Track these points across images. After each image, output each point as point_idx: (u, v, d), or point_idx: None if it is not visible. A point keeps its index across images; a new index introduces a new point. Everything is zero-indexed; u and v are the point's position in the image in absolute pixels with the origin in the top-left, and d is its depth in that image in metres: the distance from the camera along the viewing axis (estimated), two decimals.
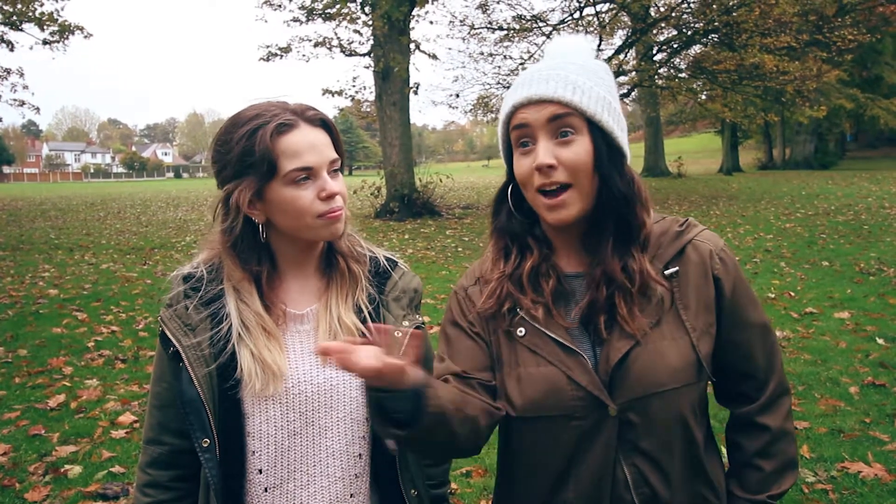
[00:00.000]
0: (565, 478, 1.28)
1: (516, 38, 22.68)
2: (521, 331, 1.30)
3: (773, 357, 1.36)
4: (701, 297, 1.28)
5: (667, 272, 1.29)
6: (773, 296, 7.63)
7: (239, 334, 1.36)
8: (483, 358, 1.34)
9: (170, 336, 1.37)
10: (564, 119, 1.22)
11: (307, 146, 1.34)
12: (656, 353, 1.23)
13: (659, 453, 1.25)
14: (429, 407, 1.10)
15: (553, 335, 1.27)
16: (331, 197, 1.35)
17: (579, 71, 1.26)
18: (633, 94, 24.71)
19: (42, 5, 18.49)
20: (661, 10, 20.02)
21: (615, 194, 1.24)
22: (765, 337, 1.35)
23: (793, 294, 7.71)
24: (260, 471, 1.38)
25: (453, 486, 3.60)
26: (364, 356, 1.03)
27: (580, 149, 1.22)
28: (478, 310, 1.35)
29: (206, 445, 1.34)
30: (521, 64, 23.40)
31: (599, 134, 1.24)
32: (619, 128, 1.27)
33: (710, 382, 1.34)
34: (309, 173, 1.34)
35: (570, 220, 1.25)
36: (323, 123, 1.39)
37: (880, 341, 5.79)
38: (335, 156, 1.39)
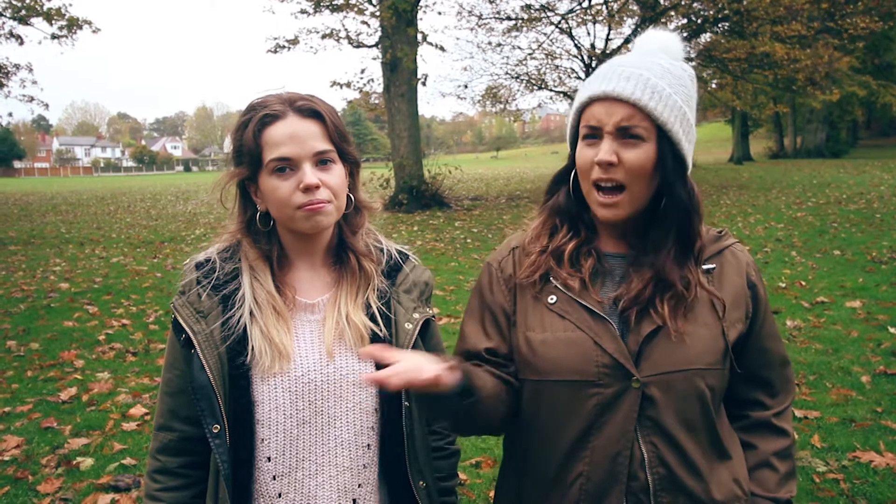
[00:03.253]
0: (581, 449, 1.28)
1: (525, 28, 22.60)
2: (552, 298, 1.34)
3: (788, 368, 1.44)
4: (734, 294, 1.34)
5: (704, 267, 1.35)
6: (783, 285, 7.59)
7: (251, 312, 1.38)
8: (504, 333, 1.40)
9: (182, 323, 1.39)
10: (633, 129, 1.24)
11: (287, 137, 1.35)
12: (687, 333, 1.27)
13: (680, 433, 1.25)
14: (473, 398, 1.23)
15: (583, 302, 1.30)
16: (309, 189, 1.34)
17: (662, 74, 1.27)
18: None
19: (50, 0, 18.54)
20: None
21: (677, 202, 1.28)
22: (782, 349, 1.43)
23: (804, 283, 7.66)
24: (269, 458, 1.39)
25: (462, 476, 3.61)
26: (424, 371, 1.14)
27: (643, 153, 1.25)
28: (516, 279, 1.40)
29: (216, 431, 1.35)
30: (530, 54, 23.32)
31: (667, 142, 1.26)
32: (686, 139, 1.29)
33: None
34: (288, 164, 1.35)
35: (620, 219, 1.30)
36: (313, 113, 1.39)
37: (892, 330, 5.75)
38: (323, 147, 1.38)
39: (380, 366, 1.41)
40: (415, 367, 1.14)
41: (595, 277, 1.34)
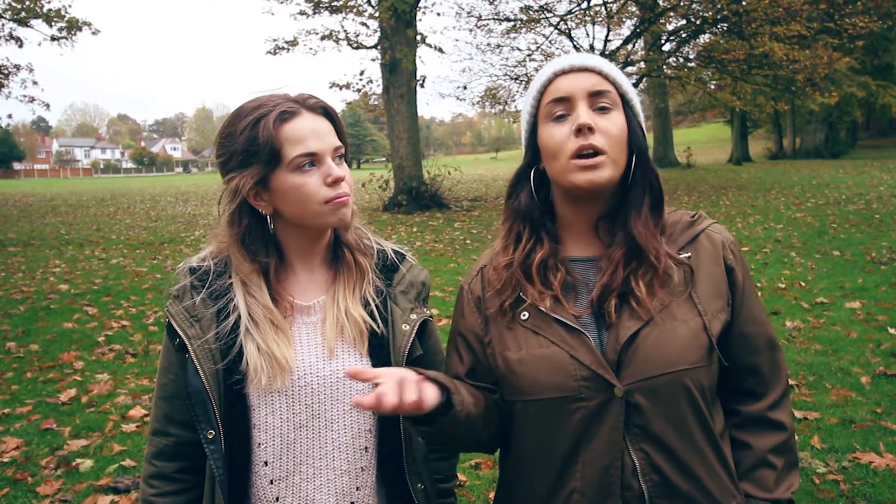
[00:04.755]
0: (571, 465, 1.26)
1: (523, 30, 22.59)
2: (524, 315, 1.31)
3: (778, 352, 1.38)
4: (713, 283, 1.30)
5: (679, 257, 1.31)
6: (783, 286, 7.59)
7: (247, 328, 1.36)
8: (479, 356, 1.39)
9: (176, 328, 1.38)
10: (604, 95, 1.27)
11: (310, 132, 1.34)
12: (666, 333, 1.23)
13: (671, 438, 1.22)
14: (454, 413, 1.22)
15: (557, 317, 1.27)
16: (336, 182, 1.35)
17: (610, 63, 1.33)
18: (641, 84, 24.57)
19: (49, 1, 18.55)
20: None
21: (648, 169, 1.30)
22: (769, 332, 1.36)
23: (803, 284, 7.66)
24: (265, 463, 1.39)
25: (462, 478, 3.60)
26: (403, 396, 1.13)
27: (617, 121, 1.27)
28: (486, 304, 1.38)
29: (211, 437, 1.34)
30: (529, 55, 23.32)
31: (631, 113, 1.30)
32: (640, 111, 1.35)
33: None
34: (313, 159, 1.34)
35: (603, 184, 1.26)
36: (324, 111, 1.40)
37: (892, 331, 5.75)
38: (339, 143, 1.39)
39: (376, 363, 1.41)
40: (399, 387, 1.14)
41: (567, 291, 1.31)
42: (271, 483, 1.39)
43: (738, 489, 1.31)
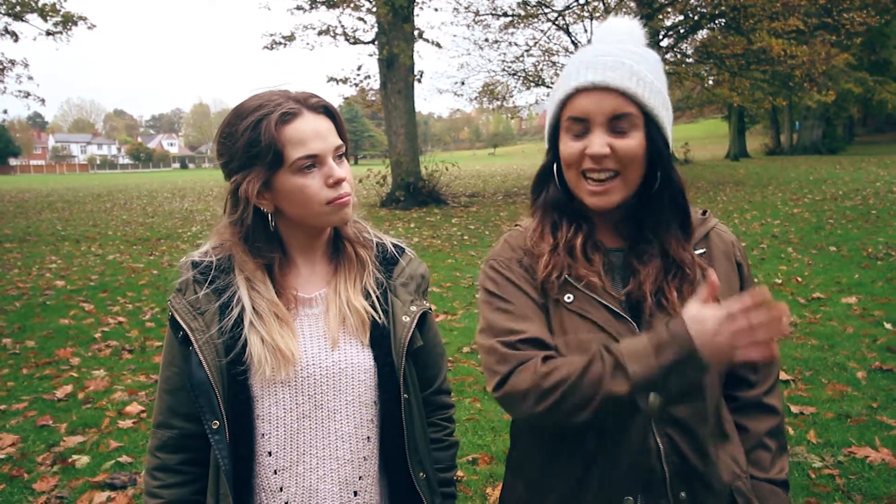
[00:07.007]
0: (601, 446, 1.31)
1: (521, 25, 22.59)
2: (568, 297, 1.32)
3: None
4: (726, 277, 1.37)
5: (695, 252, 1.37)
6: (780, 281, 7.60)
7: (251, 321, 1.36)
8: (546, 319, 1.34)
9: (180, 321, 1.37)
10: (624, 119, 1.24)
11: (312, 134, 1.34)
12: None
13: (692, 422, 1.29)
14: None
15: (604, 301, 1.30)
16: (338, 183, 1.36)
17: (639, 60, 1.27)
18: None
19: None
20: None
21: (672, 184, 1.31)
22: None
23: (800, 279, 7.67)
24: (269, 453, 1.39)
25: (459, 473, 3.60)
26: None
27: (634, 142, 1.25)
28: (538, 280, 1.36)
29: (215, 427, 1.35)
30: (527, 50, 23.31)
31: (655, 128, 1.27)
32: (668, 122, 1.30)
33: None
34: (315, 161, 1.34)
35: (612, 206, 1.29)
36: (325, 110, 1.39)
37: (888, 326, 5.76)
38: (339, 142, 1.39)
39: (377, 354, 1.42)
40: None
41: (605, 273, 1.34)
42: (275, 473, 1.40)
43: (743, 469, 1.39)
